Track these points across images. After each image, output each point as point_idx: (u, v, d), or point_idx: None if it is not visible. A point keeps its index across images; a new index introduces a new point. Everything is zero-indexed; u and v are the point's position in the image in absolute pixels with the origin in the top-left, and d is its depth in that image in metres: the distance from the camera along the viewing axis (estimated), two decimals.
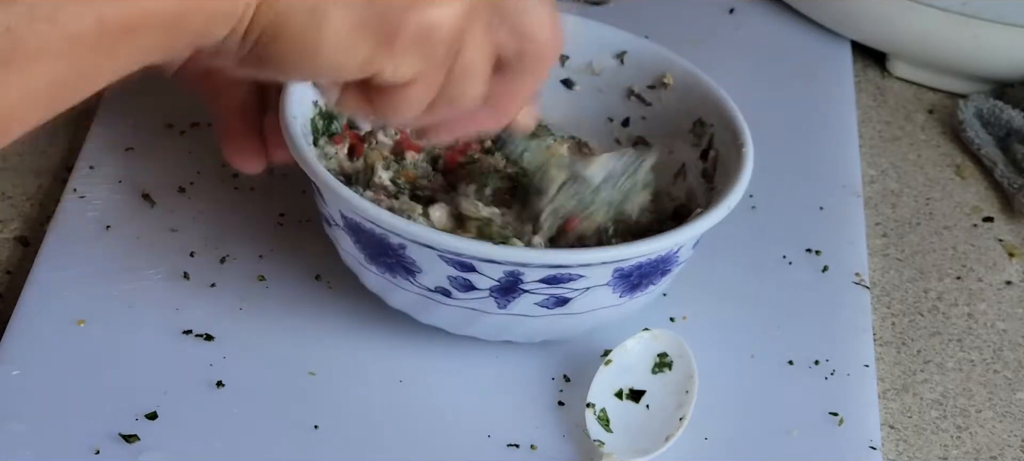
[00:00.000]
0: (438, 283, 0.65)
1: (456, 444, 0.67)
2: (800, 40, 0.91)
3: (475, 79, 0.58)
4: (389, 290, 0.68)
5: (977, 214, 0.83)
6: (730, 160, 0.71)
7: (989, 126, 0.87)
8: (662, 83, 0.76)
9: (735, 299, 0.74)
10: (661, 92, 0.76)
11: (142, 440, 0.65)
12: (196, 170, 0.77)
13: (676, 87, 0.75)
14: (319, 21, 0.53)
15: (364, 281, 0.69)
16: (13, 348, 0.68)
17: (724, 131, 0.72)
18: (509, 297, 0.65)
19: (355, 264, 0.68)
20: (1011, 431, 0.71)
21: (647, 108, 0.76)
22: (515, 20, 0.59)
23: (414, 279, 0.65)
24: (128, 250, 0.73)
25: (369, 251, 0.66)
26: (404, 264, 0.65)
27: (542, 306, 0.66)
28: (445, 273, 0.64)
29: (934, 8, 0.87)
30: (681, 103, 0.75)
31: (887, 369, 0.74)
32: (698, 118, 0.74)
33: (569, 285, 0.65)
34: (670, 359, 0.69)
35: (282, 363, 0.69)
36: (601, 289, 0.66)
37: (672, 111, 0.75)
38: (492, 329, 0.68)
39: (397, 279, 0.66)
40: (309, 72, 0.56)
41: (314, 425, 0.67)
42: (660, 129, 0.76)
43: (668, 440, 0.66)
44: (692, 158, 0.74)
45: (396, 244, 0.64)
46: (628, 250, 0.65)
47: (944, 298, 0.78)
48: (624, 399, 0.68)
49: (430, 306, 0.67)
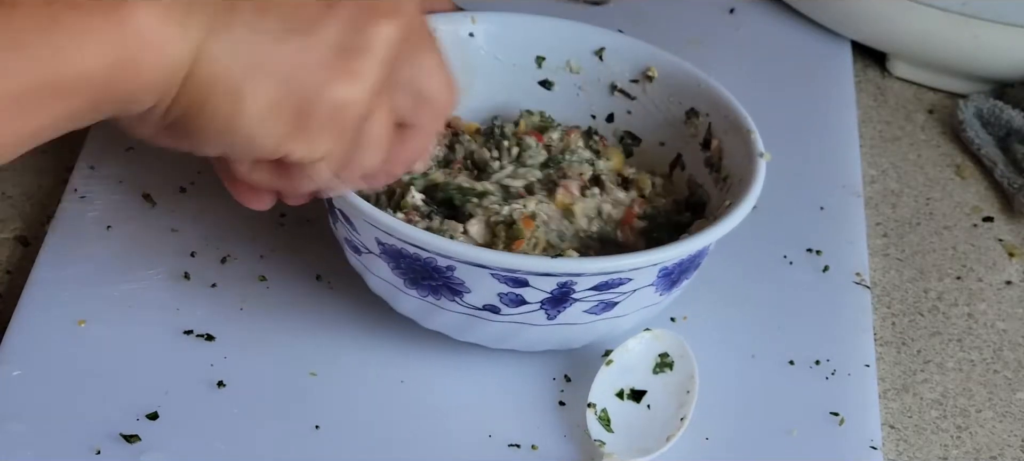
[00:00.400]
0: (487, 301, 0.65)
1: (457, 444, 0.67)
2: (800, 40, 0.91)
3: (378, 149, 0.60)
4: (429, 313, 0.67)
5: (977, 214, 0.83)
6: (737, 148, 0.71)
7: (989, 126, 0.87)
8: (646, 76, 0.76)
9: (735, 299, 0.75)
10: (646, 85, 0.76)
11: (143, 440, 0.65)
12: (197, 170, 0.77)
13: (662, 79, 0.75)
14: (238, 100, 0.55)
15: (397, 306, 0.68)
16: (13, 348, 0.68)
17: (722, 119, 0.72)
18: (560, 307, 0.65)
19: (389, 290, 0.67)
20: (1011, 431, 0.71)
21: (632, 102, 0.76)
22: (412, 83, 0.60)
23: (461, 299, 0.65)
24: (129, 250, 0.73)
25: (410, 276, 0.65)
26: (451, 285, 0.64)
27: (590, 313, 0.66)
28: (495, 290, 0.64)
29: (934, 8, 0.87)
30: (669, 94, 0.75)
31: (887, 369, 0.74)
32: (690, 108, 0.74)
33: (618, 289, 0.65)
34: (671, 359, 0.69)
35: (283, 363, 0.69)
36: (645, 290, 0.66)
37: (659, 103, 0.75)
38: (533, 341, 0.68)
39: (441, 301, 0.65)
40: (226, 147, 0.58)
41: (315, 425, 0.67)
42: (647, 122, 0.76)
43: (669, 440, 0.66)
44: (689, 148, 0.74)
45: (444, 266, 0.64)
46: (674, 250, 0.65)
47: (944, 298, 0.78)
48: (625, 399, 0.68)
49: (474, 324, 0.67)
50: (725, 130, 0.72)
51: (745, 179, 0.69)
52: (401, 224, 0.64)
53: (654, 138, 0.76)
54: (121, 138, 0.79)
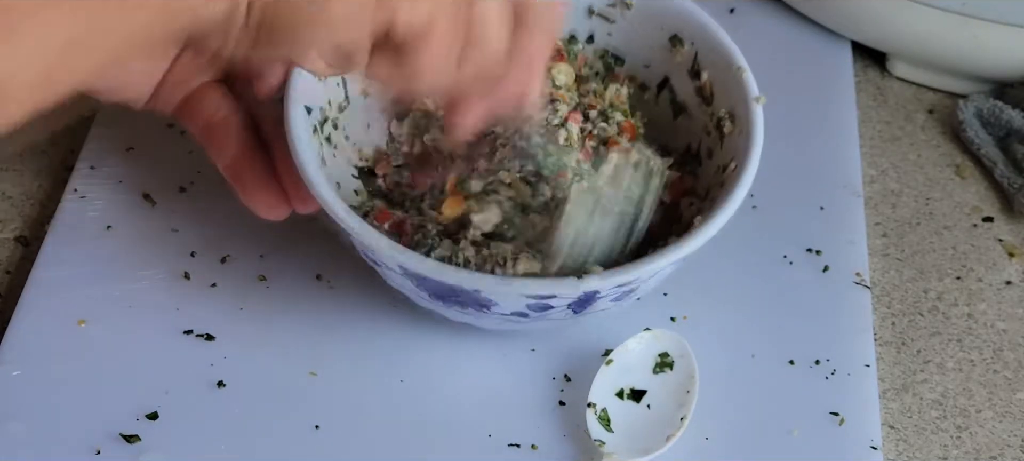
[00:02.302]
0: (516, 309, 0.65)
1: (457, 444, 0.67)
2: (800, 40, 0.91)
3: (493, 21, 0.57)
4: (454, 315, 0.67)
5: (977, 214, 0.83)
6: (729, 85, 0.71)
7: (989, 126, 0.86)
8: (623, 2, 0.75)
9: (735, 299, 0.74)
10: (624, 10, 0.75)
11: (143, 440, 0.65)
12: (197, 170, 0.77)
13: (640, 6, 0.75)
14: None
15: (418, 302, 0.68)
16: (13, 348, 0.68)
17: (709, 51, 0.72)
18: (585, 307, 0.65)
19: (410, 294, 0.67)
20: (1011, 431, 0.71)
21: (611, 25, 0.76)
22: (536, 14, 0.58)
23: (490, 310, 0.65)
24: (129, 250, 0.73)
25: (435, 293, 0.65)
26: (478, 301, 0.64)
27: (613, 301, 0.66)
28: (524, 303, 0.64)
29: (934, 8, 0.86)
30: (649, 20, 0.75)
31: (887, 369, 0.74)
32: (673, 34, 0.74)
33: (643, 285, 0.66)
34: (671, 359, 0.69)
35: (283, 363, 0.69)
36: (661, 273, 0.66)
37: (640, 28, 0.75)
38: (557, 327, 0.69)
39: (468, 311, 0.66)
40: (320, 36, 0.54)
41: (315, 425, 0.67)
42: (629, 44, 0.75)
43: (669, 440, 0.66)
44: (677, 74, 0.74)
45: (471, 289, 0.63)
46: (689, 246, 0.65)
47: (944, 298, 0.78)
48: (625, 399, 0.68)
49: (502, 322, 0.67)
50: (714, 63, 0.72)
51: (745, 128, 0.68)
52: (423, 260, 0.63)
53: (638, 60, 0.75)
54: (121, 138, 0.79)
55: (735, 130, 0.70)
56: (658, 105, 0.75)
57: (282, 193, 0.67)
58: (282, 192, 0.67)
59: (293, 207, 0.67)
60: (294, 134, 0.65)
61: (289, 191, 0.67)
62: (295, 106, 0.66)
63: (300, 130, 0.66)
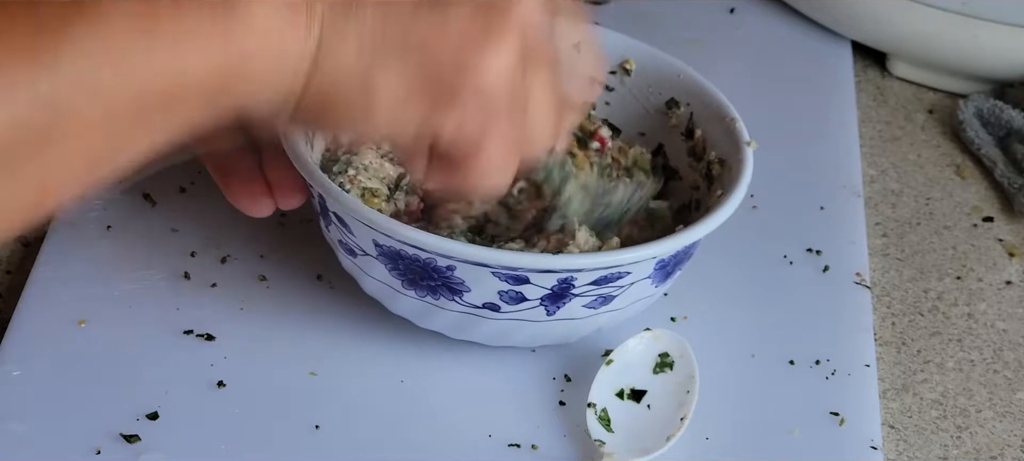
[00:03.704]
0: (487, 299, 0.65)
1: (457, 444, 0.67)
2: (800, 40, 0.91)
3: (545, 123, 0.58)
4: (427, 313, 0.67)
5: (977, 214, 0.83)
6: (721, 137, 0.71)
7: (989, 126, 0.87)
8: (623, 68, 0.75)
9: (735, 299, 0.74)
10: (624, 77, 0.76)
11: (143, 440, 0.65)
12: (197, 170, 0.77)
13: (640, 71, 0.75)
14: (370, 92, 0.53)
15: (393, 307, 0.68)
16: (13, 348, 0.68)
17: (703, 108, 0.73)
18: (559, 303, 0.65)
19: (385, 292, 0.67)
20: (1011, 431, 0.71)
21: (610, 93, 0.76)
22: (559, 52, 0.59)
23: (461, 298, 0.65)
24: (129, 250, 0.73)
25: (408, 277, 0.65)
26: (450, 285, 0.64)
27: (589, 307, 0.66)
28: (496, 288, 0.64)
29: (934, 8, 0.87)
30: (647, 85, 0.75)
31: (887, 369, 0.74)
32: (670, 98, 0.74)
33: (616, 283, 0.65)
34: (671, 359, 0.69)
35: (283, 363, 0.69)
36: (642, 283, 0.66)
37: (638, 94, 0.75)
38: (531, 337, 0.68)
39: (440, 300, 0.65)
40: (365, 135, 0.56)
41: (315, 425, 0.67)
42: (627, 113, 0.76)
43: (669, 440, 0.66)
44: (671, 139, 0.74)
45: (444, 266, 0.64)
46: (672, 243, 0.65)
47: (944, 298, 0.78)
48: (625, 399, 0.68)
49: (472, 323, 0.67)
50: (707, 119, 0.72)
51: (734, 168, 0.69)
52: (400, 225, 0.63)
53: (634, 128, 0.75)
54: None
55: (724, 171, 0.70)
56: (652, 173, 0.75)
57: (267, 188, 0.67)
58: (267, 187, 0.67)
59: (277, 203, 0.67)
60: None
61: (274, 187, 0.67)
62: None
63: None
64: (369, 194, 0.69)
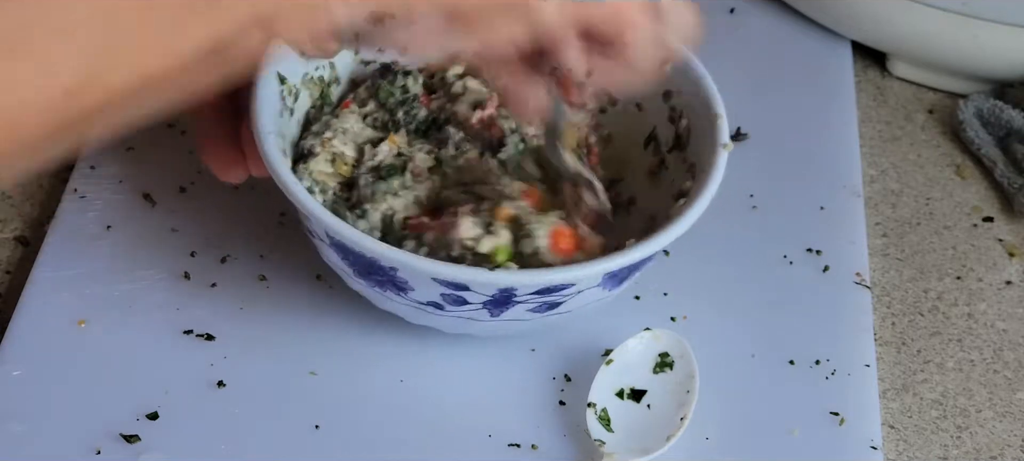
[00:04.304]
0: (430, 298, 0.65)
1: (457, 444, 0.67)
2: (800, 40, 0.91)
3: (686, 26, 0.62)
4: (378, 299, 0.67)
5: (977, 214, 0.83)
6: (704, 131, 0.70)
7: (989, 126, 0.87)
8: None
9: (735, 299, 0.74)
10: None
11: (143, 440, 0.65)
12: (197, 170, 0.77)
13: None
14: None
15: (350, 284, 0.68)
16: (13, 348, 0.68)
17: (694, 97, 0.71)
18: (502, 308, 0.65)
19: (341, 273, 0.68)
20: (1011, 431, 0.71)
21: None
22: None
23: (405, 295, 0.65)
24: (129, 250, 0.73)
25: (357, 268, 0.65)
26: (395, 283, 0.64)
27: (534, 312, 0.66)
28: (438, 291, 0.64)
29: (934, 8, 0.86)
30: None
31: (887, 369, 0.74)
32: (666, 90, 0.73)
33: (561, 292, 0.65)
34: (671, 359, 0.69)
35: (283, 363, 0.69)
36: (591, 290, 0.66)
37: None
38: (484, 331, 0.68)
39: (387, 293, 0.66)
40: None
41: (315, 425, 0.67)
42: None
43: (669, 440, 0.66)
44: (662, 121, 0.73)
45: (387, 266, 0.64)
46: (619, 259, 0.64)
47: (944, 298, 0.78)
48: (625, 399, 0.68)
49: (422, 314, 0.67)
50: (694, 108, 0.71)
51: (705, 170, 0.68)
52: (344, 226, 0.63)
53: (631, 100, 0.75)
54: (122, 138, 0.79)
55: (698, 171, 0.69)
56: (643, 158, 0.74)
57: (240, 155, 0.67)
58: (240, 154, 0.67)
59: (250, 170, 0.67)
60: (258, 95, 0.66)
61: (248, 156, 0.67)
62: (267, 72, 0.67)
63: (265, 92, 0.66)
64: (340, 160, 0.69)
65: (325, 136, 0.69)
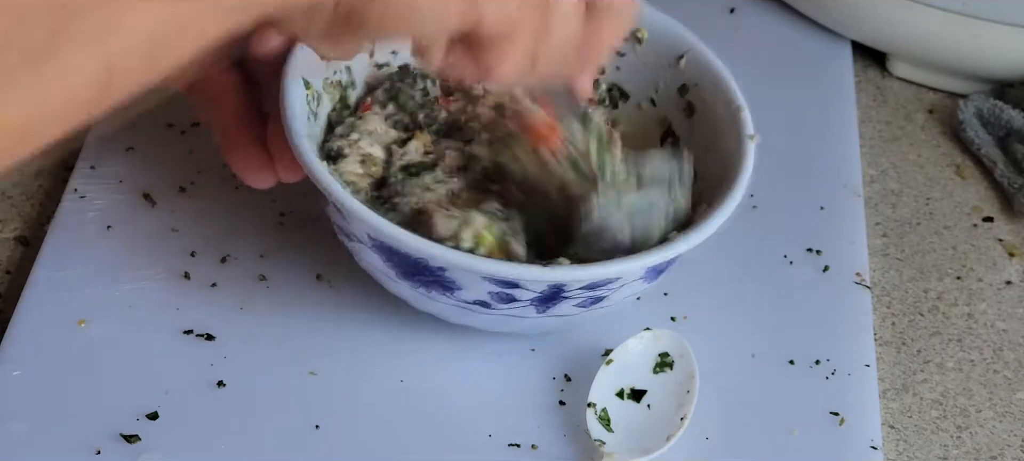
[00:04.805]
0: (478, 297, 0.65)
1: (457, 443, 0.67)
2: (800, 40, 0.91)
3: (570, 21, 0.58)
4: (421, 301, 0.67)
5: (977, 214, 0.83)
6: (724, 124, 0.70)
7: (989, 126, 0.87)
8: (635, 36, 0.75)
9: (735, 299, 0.74)
10: (635, 45, 0.75)
11: (143, 440, 0.65)
12: (197, 170, 0.77)
13: (652, 42, 0.74)
14: None
15: (390, 289, 0.68)
16: (13, 348, 0.68)
17: (711, 91, 0.72)
18: (549, 305, 0.65)
19: (380, 275, 0.67)
20: (1011, 431, 0.71)
21: (621, 59, 0.75)
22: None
23: (452, 295, 0.65)
24: (129, 250, 0.73)
25: (402, 270, 0.65)
26: (442, 283, 0.64)
27: (579, 306, 0.66)
28: (487, 289, 0.64)
29: (934, 8, 0.87)
30: (658, 56, 0.74)
31: (887, 369, 0.74)
32: (682, 83, 0.73)
33: (607, 287, 0.65)
34: (671, 359, 0.69)
35: (283, 363, 0.69)
36: (634, 283, 0.66)
37: (649, 64, 0.74)
38: (526, 328, 0.68)
39: (432, 294, 0.65)
40: (408, 29, 0.55)
41: (315, 425, 0.67)
42: (637, 80, 0.75)
43: (669, 440, 0.66)
44: (677, 117, 0.74)
45: (435, 266, 0.63)
46: (666, 252, 0.64)
47: (944, 298, 0.78)
48: (625, 399, 0.68)
49: (466, 314, 0.67)
50: (712, 103, 0.72)
51: (733, 164, 0.68)
52: (392, 227, 0.63)
53: (644, 96, 0.75)
54: (121, 138, 0.79)
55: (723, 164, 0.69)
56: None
57: (268, 159, 0.67)
58: (269, 158, 0.67)
59: (279, 175, 0.67)
60: (287, 99, 0.65)
61: (276, 159, 0.66)
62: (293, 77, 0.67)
63: (294, 96, 0.66)
64: (370, 161, 0.69)
65: (351, 137, 0.69)
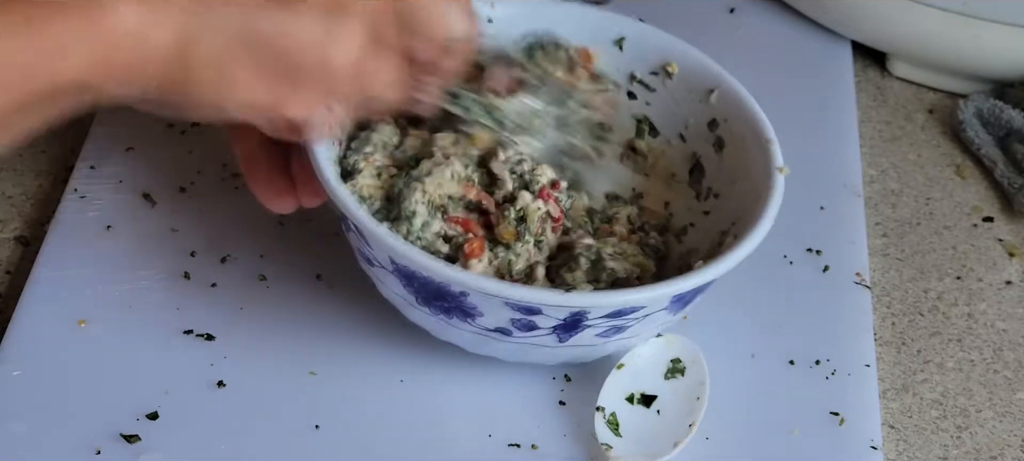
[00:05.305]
0: (499, 324, 0.64)
1: (457, 444, 0.67)
2: (800, 40, 0.91)
3: (389, 93, 0.63)
4: (441, 328, 0.67)
5: (977, 214, 0.83)
6: (754, 157, 0.70)
7: (989, 126, 0.87)
8: (665, 71, 0.75)
9: (736, 299, 0.74)
10: (665, 79, 0.75)
11: (143, 440, 0.65)
12: (197, 170, 0.77)
13: (682, 76, 0.74)
14: (223, 77, 0.58)
15: (409, 316, 0.68)
16: (13, 348, 0.68)
17: (741, 124, 0.71)
18: (571, 333, 0.65)
19: (400, 302, 0.67)
20: (1011, 431, 0.71)
21: (651, 94, 0.75)
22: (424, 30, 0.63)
23: (473, 321, 0.65)
24: (129, 250, 0.73)
25: (422, 295, 0.65)
26: (463, 309, 0.64)
27: (601, 336, 0.65)
28: (508, 316, 0.64)
29: (934, 8, 0.87)
30: (689, 91, 0.74)
31: (887, 369, 0.74)
32: (712, 119, 0.73)
33: (631, 315, 0.65)
34: (683, 365, 0.69)
35: (283, 363, 0.69)
36: (658, 314, 0.66)
37: (679, 99, 0.74)
38: (545, 358, 0.68)
39: (453, 320, 0.65)
40: (219, 115, 0.60)
41: (315, 425, 0.67)
42: (667, 115, 0.75)
43: (676, 446, 0.66)
44: (706, 149, 0.74)
45: (457, 291, 0.63)
46: (691, 280, 0.64)
47: (944, 298, 0.78)
48: (635, 404, 0.68)
49: (486, 343, 0.66)
50: (742, 136, 0.71)
51: (763, 195, 0.68)
52: (415, 251, 0.63)
53: (673, 131, 0.75)
54: (121, 138, 0.79)
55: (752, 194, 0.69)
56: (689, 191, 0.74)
57: (291, 185, 0.67)
58: (291, 184, 0.67)
59: (300, 201, 0.67)
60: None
61: (298, 185, 0.67)
62: None
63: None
64: (386, 173, 0.69)
65: (366, 151, 0.69)
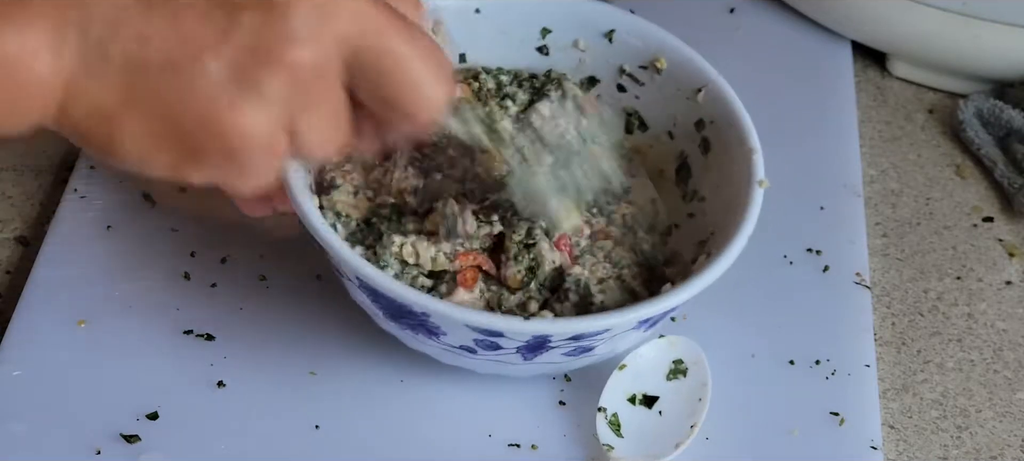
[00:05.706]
0: (463, 343, 0.64)
1: (457, 444, 0.67)
2: (800, 40, 0.91)
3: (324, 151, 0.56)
4: (409, 340, 0.67)
5: (977, 214, 0.83)
6: (735, 164, 0.69)
7: (989, 126, 0.86)
8: (655, 66, 0.74)
9: (735, 299, 0.74)
10: (654, 75, 0.74)
11: (143, 440, 0.65)
12: None
13: (670, 73, 0.74)
14: (116, 135, 0.53)
15: (381, 325, 0.68)
16: (13, 348, 0.68)
17: (726, 128, 0.71)
18: (536, 353, 0.64)
19: (371, 313, 0.67)
20: (1011, 431, 0.71)
21: (640, 88, 0.75)
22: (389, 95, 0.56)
23: (438, 339, 0.65)
24: (129, 250, 0.73)
25: (388, 311, 0.65)
26: (427, 327, 0.64)
27: (568, 355, 0.65)
28: (471, 336, 0.63)
29: (934, 8, 0.86)
30: (676, 89, 0.73)
31: (887, 369, 0.74)
32: (698, 119, 0.73)
33: (596, 337, 0.64)
34: (685, 366, 0.69)
35: (282, 363, 0.69)
36: (625, 334, 0.65)
37: (667, 95, 0.74)
38: (516, 373, 0.68)
39: (419, 337, 0.65)
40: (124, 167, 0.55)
41: (315, 425, 0.67)
42: (655, 111, 0.75)
43: (678, 447, 0.66)
44: (693, 149, 0.73)
45: (419, 312, 0.63)
46: (656, 305, 0.63)
47: (944, 298, 0.78)
48: (637, 404, 0.68)
49: (454, 356, 0.66)
50: (727, 142, 0.71)
51: (740, 210, 0.66)
52: (376, 273, 0.62)
53: (662, 128, 0.75)
54: None
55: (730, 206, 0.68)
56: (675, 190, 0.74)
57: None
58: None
59: (275, 205, 0.67)
60: None
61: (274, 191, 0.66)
62: None
63: None
64: (362, 191, 0.68)
65: (344, 168, 0.69)
